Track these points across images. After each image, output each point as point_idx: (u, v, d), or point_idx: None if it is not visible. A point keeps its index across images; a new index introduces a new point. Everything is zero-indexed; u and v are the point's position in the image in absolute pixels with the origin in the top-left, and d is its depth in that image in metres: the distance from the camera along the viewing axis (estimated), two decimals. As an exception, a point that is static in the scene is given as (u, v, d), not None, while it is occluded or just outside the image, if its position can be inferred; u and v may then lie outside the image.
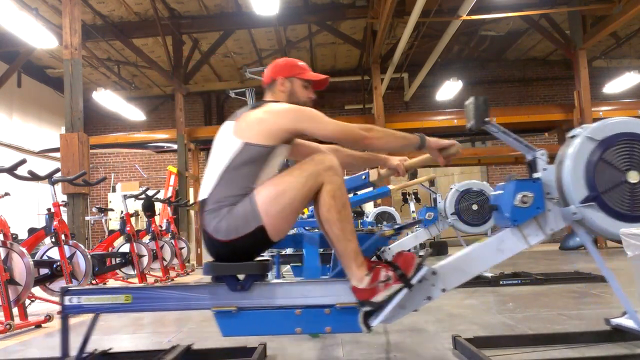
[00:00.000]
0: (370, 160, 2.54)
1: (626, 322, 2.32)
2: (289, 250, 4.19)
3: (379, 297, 1.87)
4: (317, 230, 3.07)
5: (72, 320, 3.85)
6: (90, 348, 2.36)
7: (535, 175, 2.07)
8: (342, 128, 2.00)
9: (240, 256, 1.93)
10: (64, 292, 1.94)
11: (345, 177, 2.62)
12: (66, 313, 1.95)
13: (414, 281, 1.88)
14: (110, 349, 2.39)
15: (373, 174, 2.82)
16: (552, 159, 2.04)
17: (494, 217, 2.18)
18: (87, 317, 3.61)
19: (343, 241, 1.89)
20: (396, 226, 3.00)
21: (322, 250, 3.04)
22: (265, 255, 2.24)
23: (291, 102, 2.14)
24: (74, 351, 1.99)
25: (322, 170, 1.89)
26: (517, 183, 2.01)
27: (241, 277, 1.96)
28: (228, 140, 1.99)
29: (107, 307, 1.95)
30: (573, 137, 2.06)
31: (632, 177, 1.95)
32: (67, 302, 1.94)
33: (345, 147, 2.35)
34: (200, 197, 2.01)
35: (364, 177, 3.00)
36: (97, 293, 1.96)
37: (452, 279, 1.99)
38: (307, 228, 3.65)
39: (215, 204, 1.93)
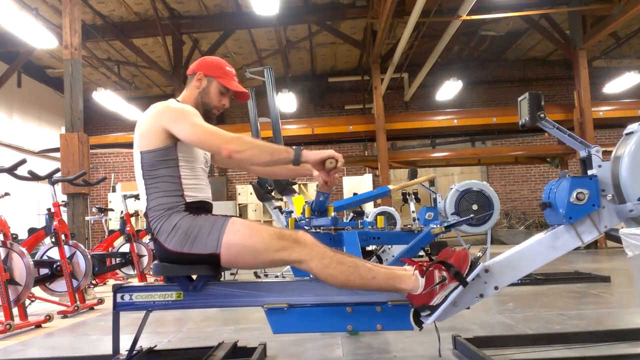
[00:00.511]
0: (294, 171, 2.37)
1: None
2: None
3: (437, 300, 1.86)
4: (320, 231, 3.07)
5: (72, 321, 3.85)
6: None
7: (590, 172, 2.05)
8: (201, 133, 1.88)
9: (185, 266, 1.92)
10: (116, 289, 1.97)
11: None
12: (118, 310, 1.98)
13: (469, 279, 1.87)
14: (155, 346, 2.39)
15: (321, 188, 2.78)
16: (552, 158, 2.03)
17: (545, 214, 2.15)
18: (86, 318, 3.60)
19: (371, 283, 1.86)
20: (445, 223, 2.99)
21: None
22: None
23: (200, 101, 2.10)
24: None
25: (297, 248, 1.84)
26: (573, 180, 1.99)
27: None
28: (134, 153, 2.01)
29: (158, 304, 1.97)
30: (630, 133, 2.03)
31: None
32: (119, 300, 1.97)
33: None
34: (143, 211, 2.02)
35: (322, 197, 3.01)
36: (148, 290, 1.98)
37: (504, 276, 1.99)
38: (305, 228, 3.64)
39: (155, 213, 1.93)
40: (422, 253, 2.98)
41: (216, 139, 1.86)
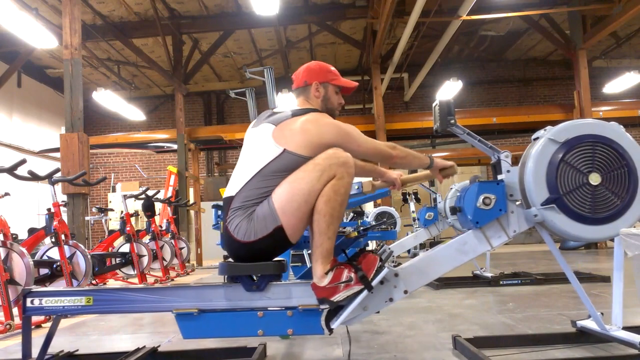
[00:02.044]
0: (369, 170, 2.56)
1: (591, 324, 2.34)
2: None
3: (338, 297, 1.87)
4: None
5: (72, 321, 3.86)
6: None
7: (499, 177, 2.06)
8: (374, 147, 2.11)
9: (258, 257, 1.94)
10: (26, 294, 1.95)
11: None
12: (28, 315, 1.95)
13: (374, 283, 1.88)
14: (76, 350, 2.39)
15: (367, 185, 2.84)
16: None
17: (457, 218, 2.18)
18: (86, 318, 3.60)
19: (324, 236, 1.89)
20: (361, 228, 3.01)
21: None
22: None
23: (324, 108, 2.17)
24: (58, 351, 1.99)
25: (335, 165, 1.90)
26: (480, 185, 2.01)
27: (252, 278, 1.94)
28: (266, 143, 1.99)
29: (68, 309, 1.95)
30: (537, 138, 2.05)
31: (594, 179, 1.94)
32: (28, 304, 1.94)
33: (372, 162, 2.47)
34: (227, 194, 2.02)
35: (357, 187, 3.02)
36: (57, 295, 1.95)
37: (414, 280, 1.98)
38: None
39: (242, 203, 1.94)
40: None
41: (385, 149, 2.13)
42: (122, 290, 1.98)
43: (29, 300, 1.94)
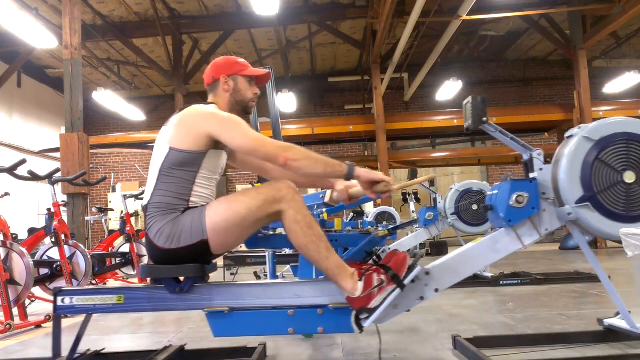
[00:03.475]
0: (318, 181, 2.44)
1: (619, 322, 2.32)
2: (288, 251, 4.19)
3: (375, 303, 1.86)
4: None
5: (72, 321, 3.85)
6: (84, 348, 2.37)
7: (532, 175, 2.06)
8: (255, 141, 1.89)
9: (178, 263, 1.92)
10: (57, 292, 1.94)
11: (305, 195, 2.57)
12: (59, 313, 1.95)
13: (406, 282, 1.88)
14: (103, 349, 2.38)
15: (327, 196, 2.82)
16: (552, 158, 2.04)
17: (489, 217, 2.17)
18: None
19: (322, 261, 1.87)
20: (391, 226, 2.99)
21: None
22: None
23: (236, 101, 2.12)
24: (66, 352, 1.98)
25: (278, 198, 1.86)
26: (513, 183, 2.00)
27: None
28: (159, 145, 1.99)
29: (99, 308, 1.95)
30: (570, 137, 2.05)
31: (628, 177, 1.94)
32: (59, 303, 1.94)
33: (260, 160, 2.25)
34: (143, 203, 2.02)
35: (321, 196, 3.01)
36: (89, 294, 1.95)
37: (445, 279, 1.98)
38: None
39: (156, 209, 1.93)
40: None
41: (273, 147, 1.88)
42: (152, 288, 1.97)
43: (59, 299, 1.94)
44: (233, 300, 1.93)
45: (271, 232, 3.23)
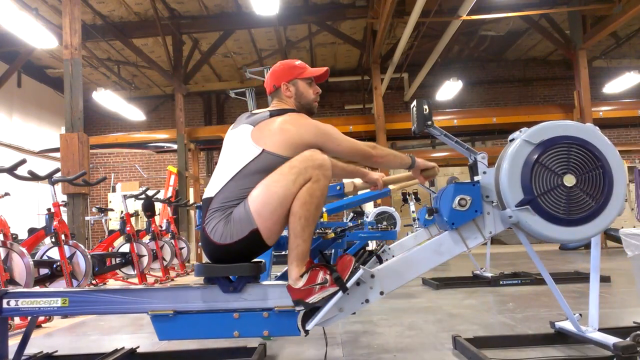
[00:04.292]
0: (351, 171, 2.56)
1: (568, 325, 2.36)
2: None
3: (313, 299, 1.87)
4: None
5: (72, 321, 3.85)
6: (46, 349, 2.36)
7: (476, 178, 2.06)
8: (353, 146, 2.09)
9: (235, 259, 1.93)
10: (2, 295, 1.95)
11: None
12: (4, 315, 1.96)
13: (349, 284, 1.88)
14: (55, 351, 2.38)
15: (349, 186, 2.83)
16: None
17: (435, 219, 2.18)
18: (86, 318, 3.58)
19: (299, 239, 1.89)
20: (338, 229, 3.01)
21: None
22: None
23: (301, 104, 2.17)
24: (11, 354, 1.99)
25: (311, 168, 1.88)
26: (456, 186, 2.01)
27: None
28: (245, 144, 1.99)
29: (43, 310, 1.95)
30: (512, 140, 2.05)
31: (568, 180, 1.93)
32: (4, 305, 1.94)
33: (353, 162, 2.40)
34: (206, 195, 2.01)
35: (338, 187, 3.02)
36: (33, 296, 1.95)
37: (390, 282, 1.97)
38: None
39: (220, 204, 1.94)
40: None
41: (365, 148, 2.11)
42: (97, 291, 1.98)
43: (5, 301, 1.94)
44: (174, 303, 1.92)
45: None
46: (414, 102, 2.10)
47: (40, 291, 2.00)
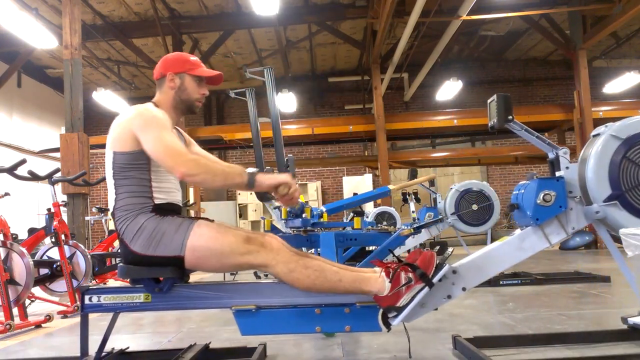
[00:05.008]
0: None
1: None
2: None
3: (403, 301, 1.85)
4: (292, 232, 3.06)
5: (72, 321, 3.86)
6: (108, 347, 2.36)
7: (558, 173, 2.05)
8: (159, 150, 1.85)
9: (150, 268, 1.92)
10: (84, 291, 1.96)
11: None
12: (86, 312, 1.97)
13: (435, 280, 1.87)
14: (127, 347, 2.39)
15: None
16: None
17: (514, 216, 2.16)
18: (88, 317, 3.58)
19: (337, 287, 1.87)
20: (415, 225, 2.98)
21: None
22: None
23: (181, 99, 2.09)
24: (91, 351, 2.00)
25: (264, 252, 1.85)
26: (540, 181, 2.00)
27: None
28: (106, 152, 2.00)
29: (126, 306, 1.96)
30: (597, 135, 2.04)
31: None
32: (87, 301, 1.96)
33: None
34: (110, 210, 2.01)
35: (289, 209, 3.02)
36: (115, 292, 1.97)
37: (472, 277, 1.98)
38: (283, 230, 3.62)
39: (123, 213, 1.92)
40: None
41: (171, 159, 1.83)
42: (179, 286, 1.97)
43: (87, 297, 1.95)
44: (259, 298, 1.93)
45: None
46: (494, 97, 2.06)
47: (123, 287, 2.00)
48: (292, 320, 1.93)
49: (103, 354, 2.08)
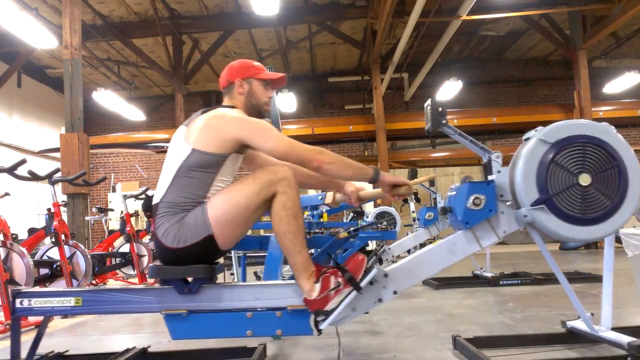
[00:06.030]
0: (326, 183, 2.44)
1: (580, 325, 2.35)
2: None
3: (331, 305, 1.86)
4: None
5: (72, 321, 3.86)
6: (52, 349, 2.36)
7: (490, 177, 2.06)
8: (288, 145, 1.92)
9: (188, 263, 1.92)
10: (15, 294, 1.94)
11: (304, 195, 2.57)
12: (17, 315, 1.95)
13: (362, 284, 1.88)
14: (66, 351, 2.38)
15: (329, 197, 2.82)
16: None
17: (448, 219, 2.17)
18: (86, 318, 3.59)
19: (293, 253, 1.88)
20: (352, 229, 2.98)
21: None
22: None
23: (251, 104, 2.13)
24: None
25: (275, 181, 1.87)
26: (470, 185, 2.00)
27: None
28: (179, 145, 1.98)
29: (57, 310, 1.95)
30: (527, 139, 2.05)
31: (584, 179, 1.92)
32: (17, 305, 1.94)
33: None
34: (154, 201, 2.01)
35: (320, 197, 3.01)
36: (46, 296, 1.95)
37: (403, 281, 1.97)
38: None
39: (167, 209, 1.92)
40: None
41: (305, 150, 1.92)
42: (110, 291, 1.97)
43: (18, 301, 1.94)
44: (190, 303, 1.92)
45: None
46: (428, 102, 2.08)
47: (54, 291, 1.99)
48: (223, 324, 1.93)
49: (36, 357, 2.05)
